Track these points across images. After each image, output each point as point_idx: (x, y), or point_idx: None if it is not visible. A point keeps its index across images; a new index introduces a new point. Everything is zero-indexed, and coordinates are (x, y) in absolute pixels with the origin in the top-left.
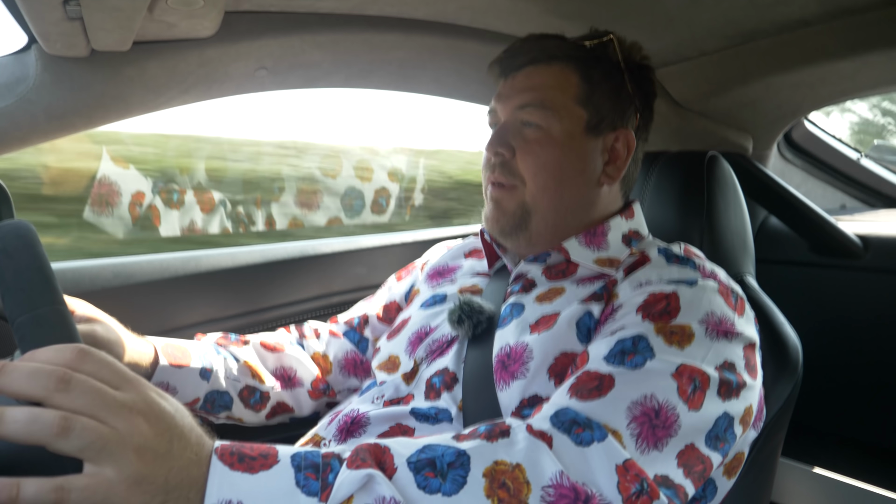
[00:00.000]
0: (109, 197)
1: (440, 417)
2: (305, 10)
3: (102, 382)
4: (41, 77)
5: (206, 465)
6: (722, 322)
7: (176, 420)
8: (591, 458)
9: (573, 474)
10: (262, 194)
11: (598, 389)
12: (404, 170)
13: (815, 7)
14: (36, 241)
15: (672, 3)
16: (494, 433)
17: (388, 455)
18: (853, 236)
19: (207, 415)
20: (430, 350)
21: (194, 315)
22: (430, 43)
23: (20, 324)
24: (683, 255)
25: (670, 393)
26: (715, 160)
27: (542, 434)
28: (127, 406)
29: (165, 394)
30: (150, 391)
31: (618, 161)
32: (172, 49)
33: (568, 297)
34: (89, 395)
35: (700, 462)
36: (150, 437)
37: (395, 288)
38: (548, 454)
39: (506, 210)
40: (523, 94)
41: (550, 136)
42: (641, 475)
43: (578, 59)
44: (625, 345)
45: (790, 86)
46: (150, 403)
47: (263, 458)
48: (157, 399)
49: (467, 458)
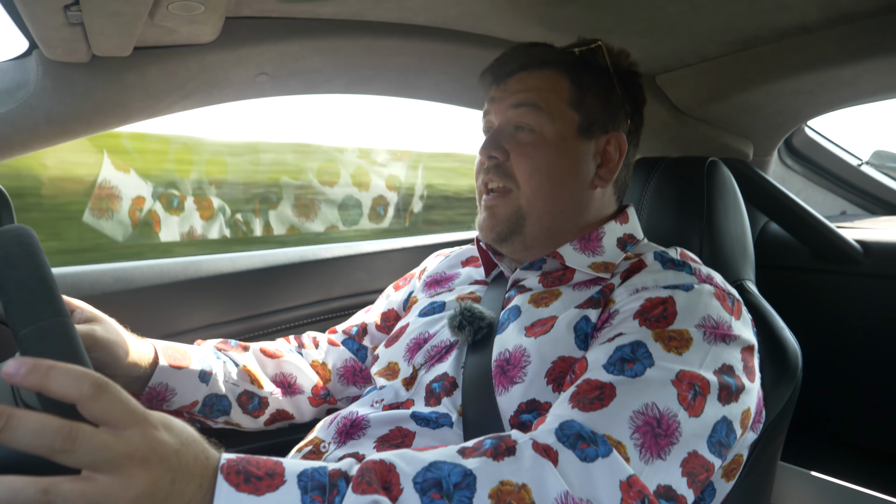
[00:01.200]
0: (110, 201)
1: (441, 422)
2: (306, 15)
3: (110, 422)
4: (42, 82)
5: (211, 490)
6: (719, 326)
7: (180, 456)
8: (595, 475)
9: (577, 492)
10: (259, 202)
11: (599, 399)
12: (402, 176)
13: (816, 13)
14: (37, 249)
15: (672, 9)
16: (500, 450)
17: (393, 474)
18: (853, 242)
19: (206, 419)
20: (429, 356)
21: (195, 320)
22: (430, 48)
23: (24, 336)
24: (679, 260)
25: (671, 400)
26: (715, 166)
27: (548, 450)
28: (128, 456)
29: (172, 422)
30: (154, 431)
31: (610, 164)
32: (173, 54)
33: (564, 301)
34: (92, 454)
35: (704, 470)
36: (150, 484)
37: (393, 297)
38: (553, 473)
39: (500, 216)
40: (517, 95)
41: (544, 139)
42: (644, 491)
43: (568, 64)
44: (624, 352)
45: (791, 92)
46: (153, 446)
47: (269, 479)
48: (160, 438)
49: (473, 479)
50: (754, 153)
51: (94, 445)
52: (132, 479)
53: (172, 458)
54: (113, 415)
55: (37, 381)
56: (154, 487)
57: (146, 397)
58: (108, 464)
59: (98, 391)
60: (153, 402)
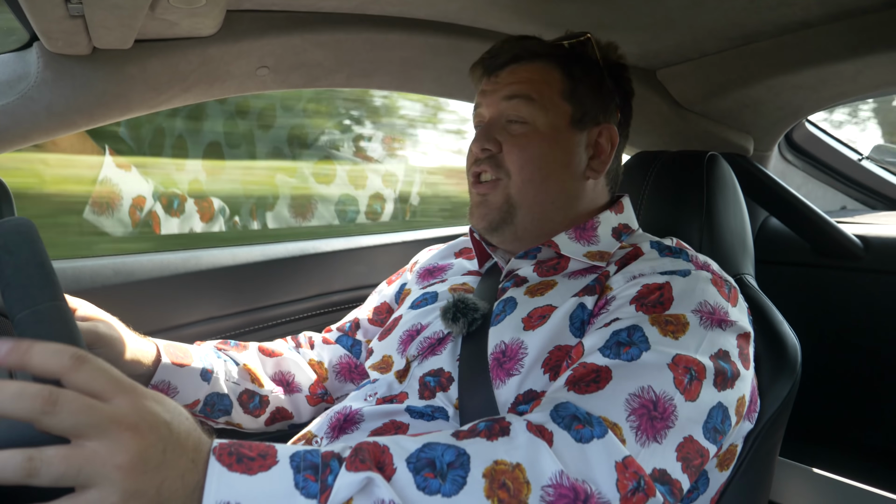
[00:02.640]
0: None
1: (436, 416)
2: (307, 9)
3: (95, 393)
4: (43, 75)
5: (204, 468)
6: (715, 311)
7: (171, 427)
8: (590, 455)
9: (572, 472)
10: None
11: (595, 382)
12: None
13: (817, 9)
14: (36, 238)
15: (673, 4)
16: (494, 431)
17: (387, 455)
18: (853, 237)
19: (207, 419)
20: (422, 348)
21: (195, 313)
22: (431, 42)
23: (20, 320)
24: (676, 247)
25: (667, 384)
26: (714, 160)
27: (542, 430)
28: (116, 421)
29: (163, 398)
30: (144, 399)
31: (602, 155)
32: (174, 47)
33: (560, 291)
34: (76, 415)
35: (699, 455)
36: (140, 451)
37: (386, 291)
38: (547, 452)
39: (492, 205)
40: (509, 87)
41: (536, 130)
42: (640, 472)
43: (559, 56)
44: (620, 336)
45: (791, 87)
46: (142, 414)
47: (262, 459)
48: (150, 408)
49: (467, 458)
50: (755, 148)
51: (76, 407)
52: (120, 445)
53: (163, 427)
54: (98, 384)
55: (17, 360)
56: (144, 454)
57: None
58: (93, 428)
59: (78, 362)
60: None
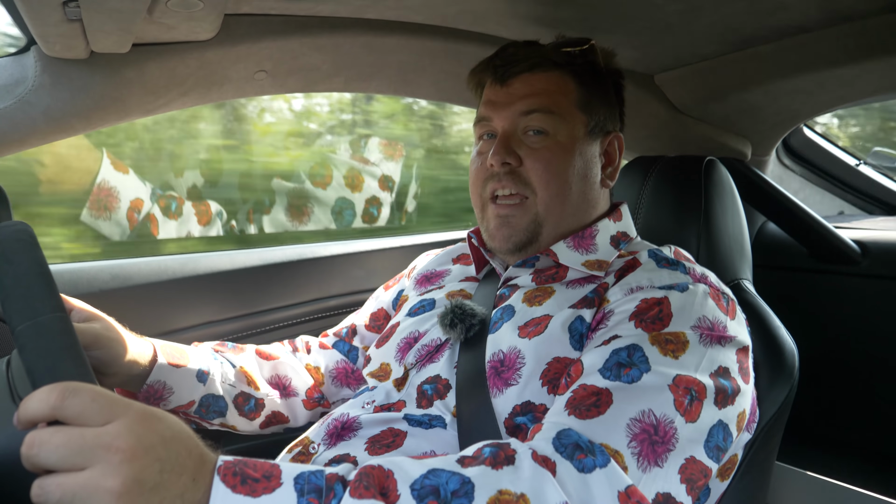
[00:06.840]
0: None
1: (434, 424)
2: (305, 13)
3: (87, 421)
4: (40, 79)
5: (207, 487)
6: (714, 327)
7: (169, 447)
8: (593, 486)
9: (576, 503)
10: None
11: (596, 406)
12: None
13: (815, 13)
14: (35, 245)
15: (671, 8)
16: (499, 458)
17: (391, 480)
18: (851, 242)
19: (202, 420)
20: (420, 355)
21: (192, 317)
22: (429, 47)
23: (21, 332)
24: (673, 259)
25: (667, 406)
26: (712, 165)
27: (546, 460)
28: (105, 446)
29: (164, 415)
30: (139, 420)
31: (613, 164)
32: (172, 51)
33: (557, 299)
34: (58, 449)
35: (703, 476)
36: (134, 474)
37: (383, 297)
38: (552, 483)
39: (516, 226)
40: (526, 100)
41: (558, 142)
42: (643, 502)
43: (572, 65)
44: (620, 356)
45: (789, 92)
46: (137, 435)
47: (266, 480)
48: (146, 428)
49: (472, 487)
50: (752, 153)
51: (58, 441)
52: (111, 469)
53: (159, 447)
54: (89, 412)
55: (16, 424)
56: (139, 476)
57: (143, 395)
58: (80, 456)
59: (64, 396)
60: (150, 400)
